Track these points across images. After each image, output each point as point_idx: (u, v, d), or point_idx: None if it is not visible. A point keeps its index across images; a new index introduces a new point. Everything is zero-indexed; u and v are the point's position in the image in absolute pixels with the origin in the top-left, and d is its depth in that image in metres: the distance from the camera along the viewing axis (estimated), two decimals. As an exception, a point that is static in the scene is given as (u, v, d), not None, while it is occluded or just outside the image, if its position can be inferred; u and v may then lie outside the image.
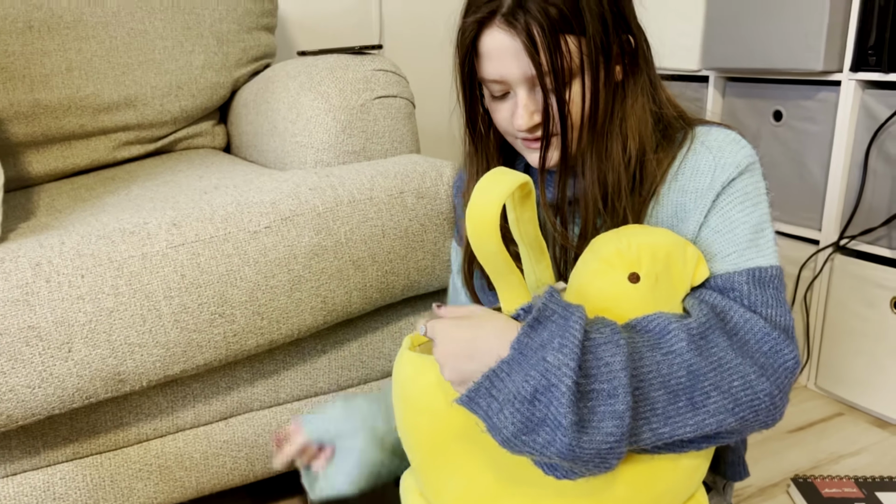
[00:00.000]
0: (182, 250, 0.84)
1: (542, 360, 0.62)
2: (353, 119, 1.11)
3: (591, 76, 0.74)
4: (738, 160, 0.76)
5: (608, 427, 0.62)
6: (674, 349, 0.67)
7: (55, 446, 0.88)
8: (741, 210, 0.76)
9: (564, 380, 0.61)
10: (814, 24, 1.34)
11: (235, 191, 0.93)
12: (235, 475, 1.00)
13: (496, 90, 0.78)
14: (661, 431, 0.65)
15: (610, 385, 0.63)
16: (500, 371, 0.63)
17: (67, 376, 0.80)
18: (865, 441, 1.31)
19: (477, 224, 0.64)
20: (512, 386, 0.62)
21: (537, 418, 0.62)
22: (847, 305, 1.41)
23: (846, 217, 1.40)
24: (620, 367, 0.63)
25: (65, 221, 0.94)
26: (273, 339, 0.92)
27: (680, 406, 0.66)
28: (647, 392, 0.65)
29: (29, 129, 1.24)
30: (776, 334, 0.70)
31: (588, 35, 0.73)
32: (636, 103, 0.78)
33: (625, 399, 0.62)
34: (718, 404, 0.66)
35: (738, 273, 0.74)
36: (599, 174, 0.78)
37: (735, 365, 0.67)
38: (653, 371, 0.65)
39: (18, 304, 0.77)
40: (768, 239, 0.76)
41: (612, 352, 0.64)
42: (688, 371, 0.66)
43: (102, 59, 1.29)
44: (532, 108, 0.76)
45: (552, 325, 0.64)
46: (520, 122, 0.76)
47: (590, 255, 0.74)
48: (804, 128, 1.45)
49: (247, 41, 1.42)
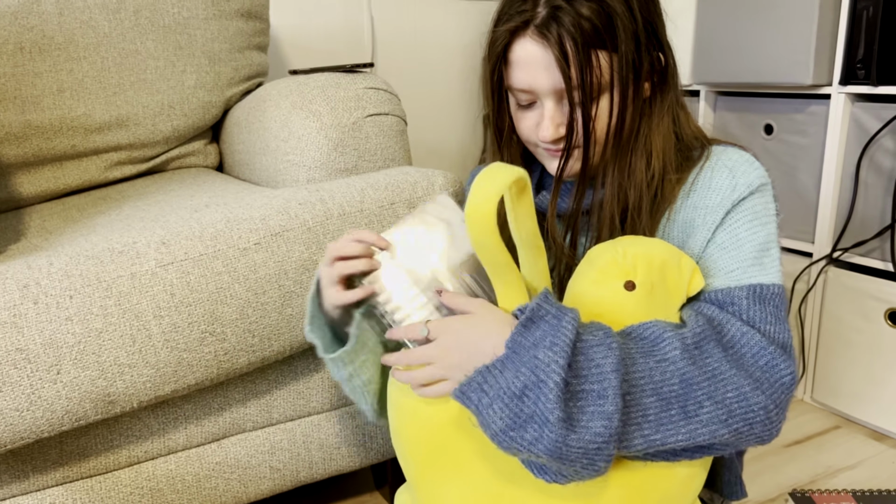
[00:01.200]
0: (171, 269, 0.84)
1: (534, 358, 0.63)
2: (345, 137, 1.11)
3: (619, 92, 0.75)
4: (751, 180, 0.77)
5: (596, 427, 0.62)
6: (667, 357, 0.67)
7: (45, 470, 0.87)
8: (748, 229, 0.76)
9: (553, 376, 0.62)
10: (803, 38, 1.35)
11: (225, 208, 0.92)
12: (228, 497, 0.99)
13: (523, 99, 0.78)
14: (653, 438, 0.66)
15: (600, 386, 0.63)
16: (494, 367, 0.65)
17: (56, 399, 0.79)
18: (863, 454, 1.30)
19: (475, 218, 0.64)
20: (503, 381, 0.64)
21: (525, 414, 0.62)
22: (842, 318, 1.40)
23: (839, 229, 1.40)
24: (611, 368, 0.64)
25: (55, 242, 0.94)
26: (265, 357, 0.91)
27: (672, 414, 0.66)
28: (638, 398, 0.65)
29: (20, 150, 1.24)
30: (773, 349, 0.70)
31: (620, 52, 0.73)
32: (662, 122, 0.79)
33: (614, 401, 0.63)
34: (711, 414, 0.66)
35: (738, 288, 0.74)
36: (620, 190, 0.78)
37: (730, 376, 0.67)
38: (645, 377, 0.66)
39: (6, 326, 0.77)
40: (773, 258, 0.77)
41: (603, 354, 0.65)
42: (681, 379, 0.66)
43: (94, 79, 1.29)
44: (558, 121, 0.77)
45: (545, 324, 0.65)
46: (545, 134, 0.77)
47: (586, 265, 0.74)
48: (795, 141, 1.45)
49: (239, 60, 1.42)
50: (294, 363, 1.00)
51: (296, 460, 1.03)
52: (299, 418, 1.03)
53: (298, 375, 1.01)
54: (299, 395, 1.02)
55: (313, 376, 1.02)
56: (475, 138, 2.10)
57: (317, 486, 1.26)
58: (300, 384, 1.01)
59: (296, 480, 1.04)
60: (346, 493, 1.24)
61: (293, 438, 1.02)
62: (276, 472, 1.02)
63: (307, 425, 1.03)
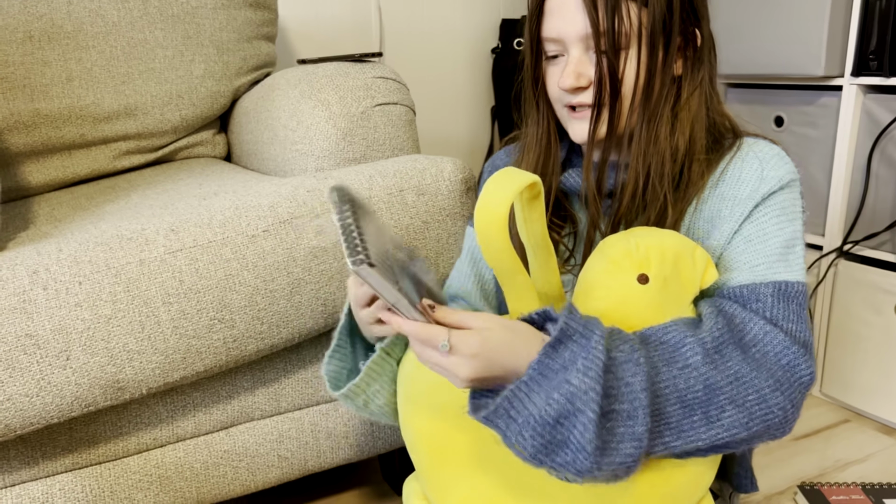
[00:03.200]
0: (180, 256, 0.84)
1: (566, 383, 0.61)
2: (354, 126, 1.11)
3: (647, 51, 0.75)
4: (781, 174, 0.76)
5: (627, 448, 0.62)
6: (689, 363, 0.66)
7: (54, 457, 0.88)
8: (776, 224, 0.76)
9: (591, 405, 0.60)
10: (814, 29, 1.34)
11: (234, 195, 0.92)
12: (236, 485, 0.99)
13: (551, 49, 0.79)
14: (673, 445, 0.65)
15: (630, 406, 0.62)
16: (520, 391, 0.62)
17: (66, 384, 0.79)
18: (872, 448, 1.29)
19: (485, 222, 0.64)
20: (533, 409, 0.61)
21: (559, 441, 0.61)
22: (852, 311, 1.40)
23: (849, 222, 1.39)
24: (641, 387, 0.63)
25: (64, 230, 0.94)
26: (273, 344, 0.91)
27: (695, 420, 0.65)
28: (662, 407, 0.64)
29: (29, 138, 1.24)
30: (795, 348, 0.69)
31: (650, 8, 0.74)
32: (692, 99, 0.79)
33: (644, 420, 0.62)
34: (733, 418, 0.66)
35: (763, 284, 0.74)
36: (644, 158, 0.78)
37: (751, 378, 0.67)
38: (669, 386, 0.65)
39: (16, 312, 0.77)
40: (798, 255, 0.76)
41: (632, 371, 0.63)
42: (705, 385, 0.65)
43: (102, 68, 1.29)
44: (580, 70, 0.77)
45: (574, 344, 0.63)
46: (565, 81, 0.77)
47: (598, 256, 0.73)
48: (806, 133, 1.44)
49: (247, 50, 1.42)
50: (302, 352, 1.00)
51: (304, 449, 1.03)
52: (307, 407, 1.03)
53: (307, 364, 1.01)
54: (307, 384, 1.02)
55: (322, 365, 1.02)
56: (483, 128, 2.09)
57: (324, 476, 1.26)
58: (308, 373, 1.01)
59: (304, 469, 1.04)
60: (353, 482, 1.24)
61: (301, 427, 1.02)
62: (284, 461, 1.02)
63: (315, 414, 1.03)
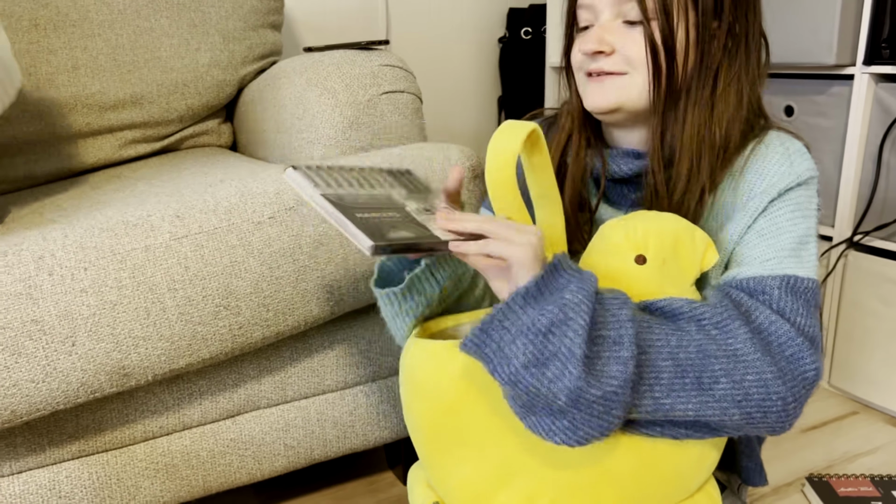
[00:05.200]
0: (185, 242, 0.83)
1: (560, 298, 0.63)
2: (360, 115, 1.10)
3: (683, 24, 0.75)
4: (800, 171, 0.76)
5: (612, 371, 0.62)
6: (684, 329, 0.67)
7: (61, 444, 0.87)
8: (790, 219, 0.75)
9: (582, 314, 0.62)
10: (826, 16, 1.32)
11: (239, 183, 0.92)
12: (242, 474, 0.99)
13: (583, 19, 0.80)
14: (663, 402, 0.65)
15: (616, 333, 0.64)
16: (514, 304, 0.64)
17: (71, 370, 0.79)
18: (881, 440, 1.28)
19: (495, 177, 0.65)
20: (526, 318, 0.63)
21: (549, 351, 0.62)
22: (861, 302, 1.38)
23: (860, 213, 1.38)
24: (627, 318, 0.65)
25: (70, 217, 0.93)
26: (279, 332, 0.90)
27: (686, 382, 0.65)
28: (654, 359, 0.65)
29: (35, 127, 1.24)
30: (800, 341, 0.69)
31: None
32: (728, 90, 0.78)
33: (629, 347, 0.63)
34: (726, 391, 0.66)
35: (771, 277, 0.73)
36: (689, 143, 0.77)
37: (752, 360, 0.66)
38: (661, 340, 0.66)
39: (21, 298, 0.76)
40: (811, 253, 0.76)
41: (619, 305, 0.65)
42: (697, 349, 0.66)
43: (108, 57, 1.29)
44: (604, 36, 0.77)
45: (567, 274, 0.65)
46: (586, 44, 0.77)
47: (598, 240, 0.74)
48: (816, 123, 1.43)
49: (253, 39, 1.41)
50: (308, 340, 1.00)
51: (310, 438, 1.03)
52: (313, 396, 1.03)
53: (313, 353, 1.01)
54: (314, 373, 1.01)
55: (328, 354, 1.02)
56: (490, 117, 2.08)
57: (330, 465, 1.26)
58: (314, 361, 1.01)
59: (310, 458, 1.04)
60: (359, 471, 1.24)
61: (307, 416, 1.02)
62: (290, 450, 1.02)
63: (321, 403, 1.03)
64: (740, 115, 0.78)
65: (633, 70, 0.76)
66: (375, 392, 1.06)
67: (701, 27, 0.75)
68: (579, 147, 0.84)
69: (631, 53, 0.75)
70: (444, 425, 0.72)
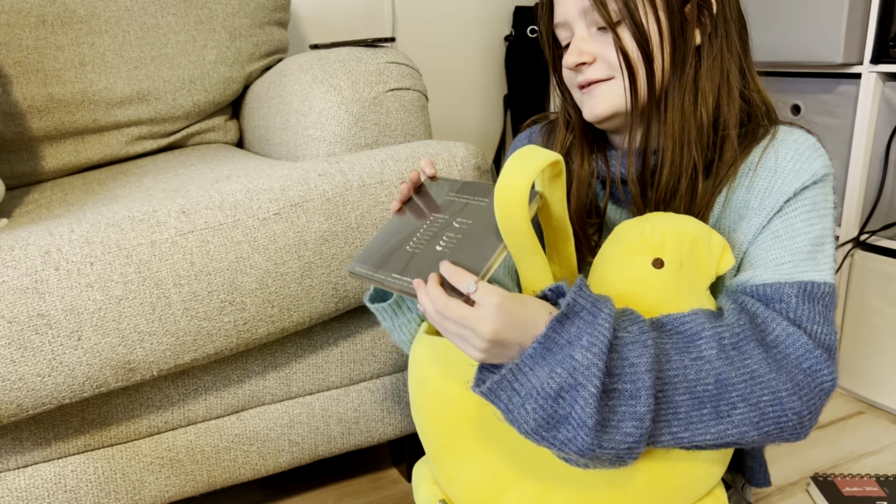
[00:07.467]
0: (191, 238, 0.83)
1: (570, 358, 0.61)
2: (366, 112, 1.10)
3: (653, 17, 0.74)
4: (815, 168, 0.74)
5: (627, 427, 0.61)
6: (703, 355, 0.65)
7: (66, 438, 0.88)
8: (806, 220, 0.73)
9: (593, 380, 0.60)
10: (833, 15, 1.32)
11: (245, 179, 0.92)
12: (247, 469, 0.99)
13: (563, 38, 0.81)
14: (681, 436, 0.64)
15: (633, 386, 0.62)
16: (524, 365, 0.62)
17: (77, 365, 0.79)
18: (887, 440, 1.28)
19: (505, 198, 0.63)
20: (535, 381, 0.61)
21: (560, 415, 0.61)
22: (867, 302, 1.38)
23: (866, 212, 1.37)
24: (645, 368, 0.62)
25: (76, 213, 0.94)
26: (284, 328, 0.91)
27: (704, 413, 0.64)
28: (671, 395, 0.63)
29: (42, 123, 1.24)
30: (818, 353, 0.67)
31: None
32: (713, 69, 0.77)
33: (646, 402, 0.61)
34: (744, 416, 0.65)
35: (788, 284, 0.71)
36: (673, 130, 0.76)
37: (767, 380, 0.65)
38: (679, 375, 0.64)
39: (28, 292, 0.77)
40: (827, 254, 0.73)
41: (638, 352, 0.63)
42: (716, 379, 0.64)
43: (115, 53, 1.29)
44: (582, 47, 0.77)
45: (580, 321, 0.62)
46: (568, 59, 0.78)
47: (613, 241, 0.72)
48: (823, 122, 1.43)
49: (259, 36, 1.42)
50: (313, 336, 1.00)
51: (314, 434, 1.03)
52: (318, 392, 1.03)
53: (317, 349, 1.01)
54: (318, 369, 1.01)
55: (332, 350, 1.02)
56: (496, 116, 2.08)
57: (335, 461, 1.27)
58: (319, 358, 1.01)
59: (314, 454, 1.04)
60: (363, 468, 1.24)
61: (312, 412, 1.02)
62: (294, 446, 1.02)
63: (326, 399, 1.03)
64: (731, 95, 0.77)
65: (617, 73, 0.76)
66: (380, 389, 1.06)
67: (671, 15, 0.74)
68: (583, 153, 0.84)
69: (611, 58, 0.76)
70: (453, 422, 0.72)
